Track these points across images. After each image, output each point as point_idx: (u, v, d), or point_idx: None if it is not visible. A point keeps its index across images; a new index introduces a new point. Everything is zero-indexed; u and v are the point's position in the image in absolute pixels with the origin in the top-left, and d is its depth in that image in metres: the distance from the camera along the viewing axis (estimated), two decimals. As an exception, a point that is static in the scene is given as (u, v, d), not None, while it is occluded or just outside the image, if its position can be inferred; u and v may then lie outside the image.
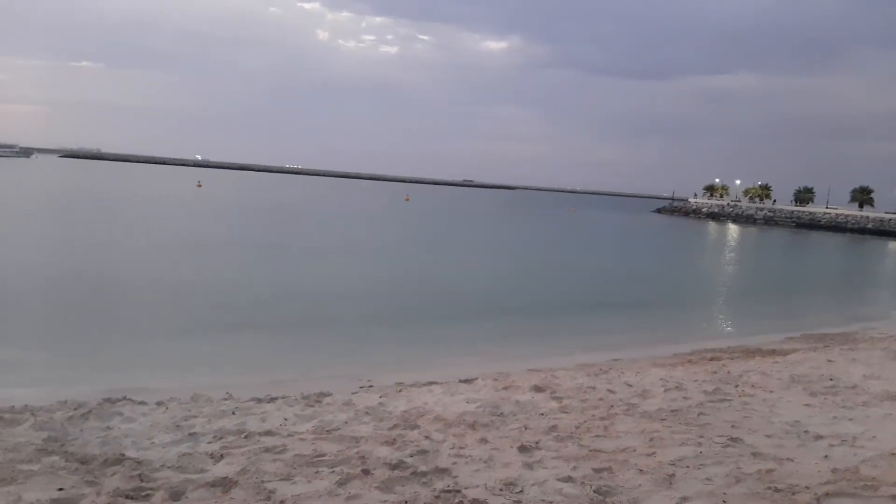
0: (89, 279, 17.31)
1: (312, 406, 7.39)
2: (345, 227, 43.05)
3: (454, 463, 5.27)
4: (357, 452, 5.46)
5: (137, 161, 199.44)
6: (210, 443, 5.78)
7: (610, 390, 8.08)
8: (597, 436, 6.11)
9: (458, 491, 4.64)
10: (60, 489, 4.30)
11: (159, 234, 28.90)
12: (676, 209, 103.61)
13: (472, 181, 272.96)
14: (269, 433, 6.07)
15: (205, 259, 22.78)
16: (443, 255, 30.46)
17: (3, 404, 7.10)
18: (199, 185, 77.46)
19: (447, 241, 38.96)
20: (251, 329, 13.39)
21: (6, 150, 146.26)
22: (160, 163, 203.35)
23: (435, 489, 4.68)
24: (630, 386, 8.35)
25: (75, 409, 6.83)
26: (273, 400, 7.71)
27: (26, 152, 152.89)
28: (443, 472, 5.05)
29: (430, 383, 9.15)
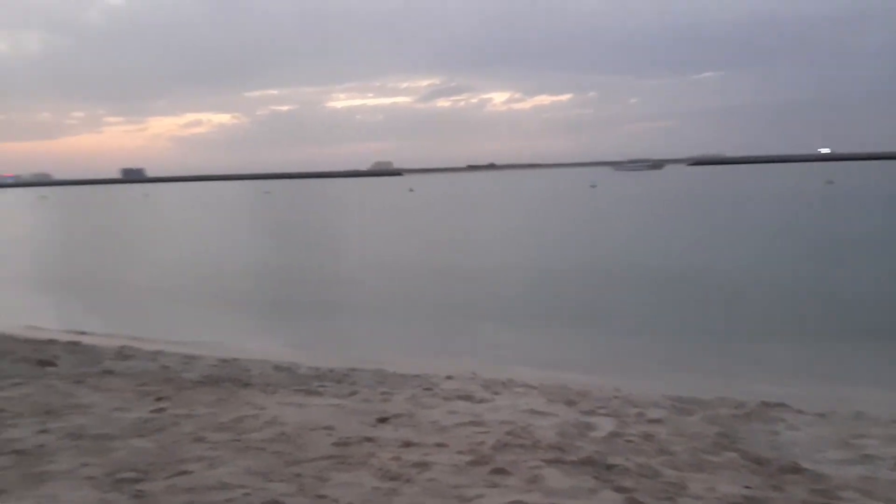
0: (712, 279, 18.01)
1: None
2: None
3: None
4: None
5: (757, 161, 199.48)
6: (892, 469, 5.14)
7: None
8: None
9: None
10: (747, 487, 4.47)
11: (790, 235, 28.07)
12: None
13: None
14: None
15: (834, 261, 20.94)
16: None
17: (671, 392, 7.99)
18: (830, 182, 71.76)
19: None
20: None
21: (639, 164, 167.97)
22: (780, 161, 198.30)
23: None
24: None
25: (735, 407, 7.12)
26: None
27: (657, 164, 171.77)
28: None
29: None
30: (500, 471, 4.74)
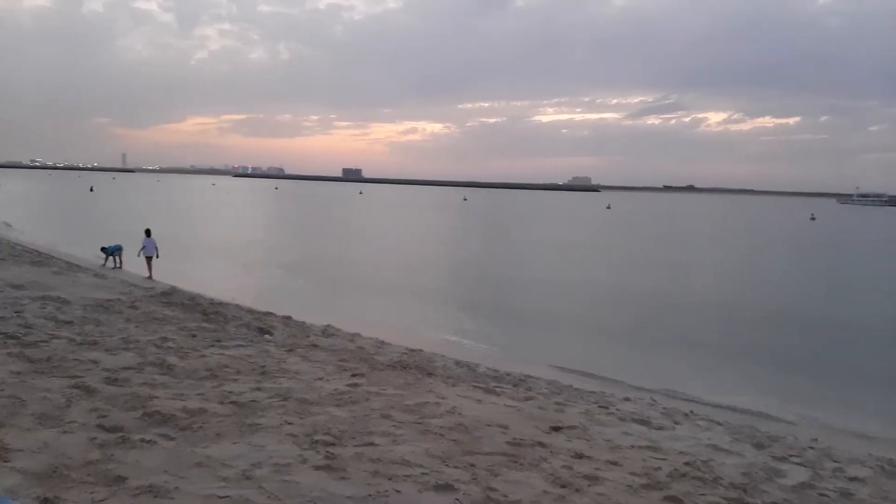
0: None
1: None
2: None
3: None
4: None
5: None
6: None
7: None
8: None
9: None
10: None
11: None
12: None
13: None
14: None
15: None
16: None
17: (881, 452, 7.08)
18: None
19: None
20: None
21: (873, 198, 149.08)
22: None
23: None
24: None
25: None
26: None
27: (893, 200, 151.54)
28: None
29: None
30: (673, 499, 4.59)
